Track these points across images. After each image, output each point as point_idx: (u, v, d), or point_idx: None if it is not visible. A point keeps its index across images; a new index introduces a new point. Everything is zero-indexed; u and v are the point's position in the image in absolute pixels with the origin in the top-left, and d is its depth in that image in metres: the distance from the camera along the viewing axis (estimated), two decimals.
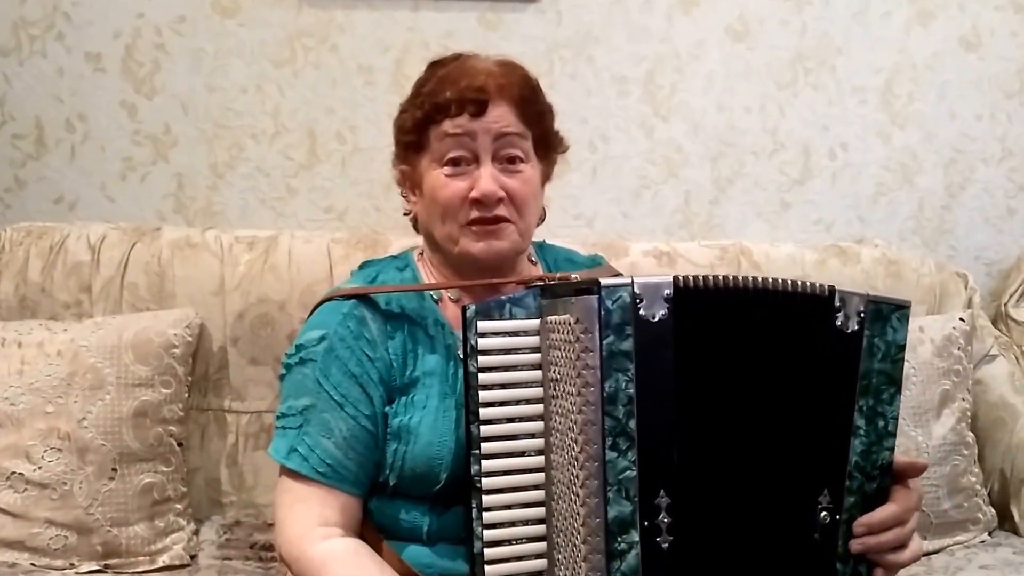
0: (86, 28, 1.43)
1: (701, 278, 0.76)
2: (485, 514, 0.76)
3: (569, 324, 0.73)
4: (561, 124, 1.49)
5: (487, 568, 0.75)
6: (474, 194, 0.89)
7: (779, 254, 1.46)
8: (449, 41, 1.46)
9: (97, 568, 1.18)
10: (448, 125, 0.90)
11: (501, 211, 0.90)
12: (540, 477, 0.77)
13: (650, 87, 1.54)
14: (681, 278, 0.75)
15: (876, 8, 1.57)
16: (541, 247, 1.05)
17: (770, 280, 0.78)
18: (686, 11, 1.53)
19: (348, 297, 0.91)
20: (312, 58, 1.47)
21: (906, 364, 1.30)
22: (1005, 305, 1.57)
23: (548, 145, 0.98)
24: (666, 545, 0.72)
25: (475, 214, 0.89)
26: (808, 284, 0.79)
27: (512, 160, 0.92)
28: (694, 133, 1.56)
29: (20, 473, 1.16)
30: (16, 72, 1.43)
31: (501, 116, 0.91)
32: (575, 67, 1.52)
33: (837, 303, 0.79)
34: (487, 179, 0.89)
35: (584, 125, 1.53)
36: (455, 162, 0.90)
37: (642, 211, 1.56)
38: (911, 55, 1.59)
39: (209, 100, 1.46)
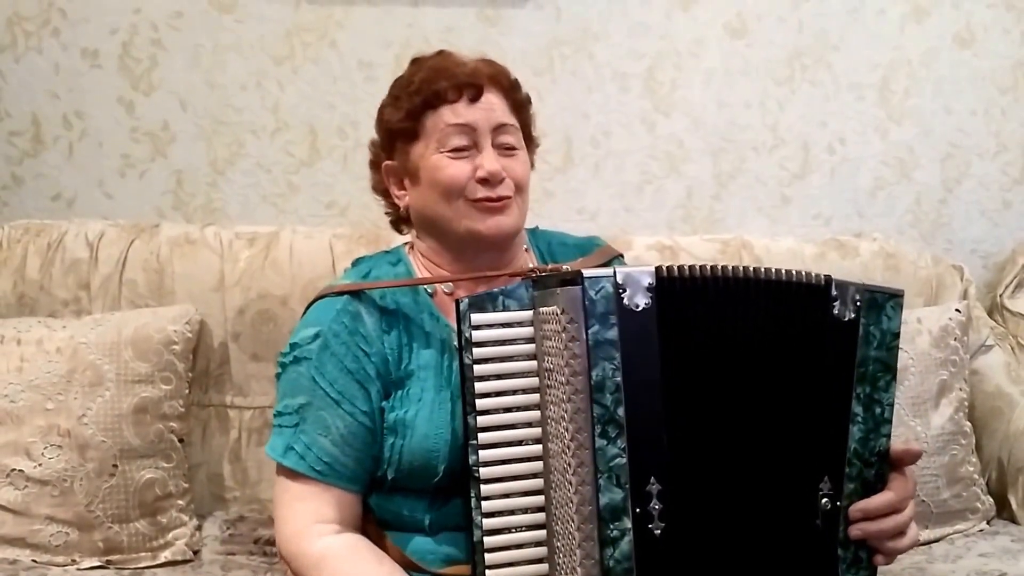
0: (82, 24, 1.43)
1: (687, 268, 0.76)
2: (484, 503, 0.76)
3: (557, 315, 0.74)
4: (563, 119, 1.52)
5: (487, 556, 0.76)
6: (481, 173, 0.90)
7: (779, 248, 1.46)
8: (449, 36, 1.46)
9: (99, 564, 1.18)
10: (448, 114, 0.91)
11: (504, 191, 0.91)
12: (538, 466, 0.77)
13: (650, 83, 1.54)
14: (665, 268, 0.75)
15: (871, 5, 1.58)
16: (533, 233, 1.06)
17: (763, 270, 0.78)
18: (685, 8, 1.53)
19: (341, 293, 0.91)
20: (311, 54, 1.47)
21: (904, 354, 1.35)
22: (1001, 296, 1.58)
23: (529, 137, 1.00)
24: (659, 532, 0.73)
25: (481, 193, 0.90)
26: (804, 273, 0.79)
27: (509, 148, 0.94)
28: (695, 129, 1.56)
29: (20, 470, 1.16)
30: (12, 68, 1.43)
31: (495, 104, 0.93)
32: (575, 64, 1.52)
33: (834, 292, 0.79)
34: (491, 159, 0.91)
35: (586, 121, 1.53)
36: (457, 149, 0.91)
37: (644, 205, 1.57)
38: (906, 52, 1.59)
39: (208, 96, 1.45)
